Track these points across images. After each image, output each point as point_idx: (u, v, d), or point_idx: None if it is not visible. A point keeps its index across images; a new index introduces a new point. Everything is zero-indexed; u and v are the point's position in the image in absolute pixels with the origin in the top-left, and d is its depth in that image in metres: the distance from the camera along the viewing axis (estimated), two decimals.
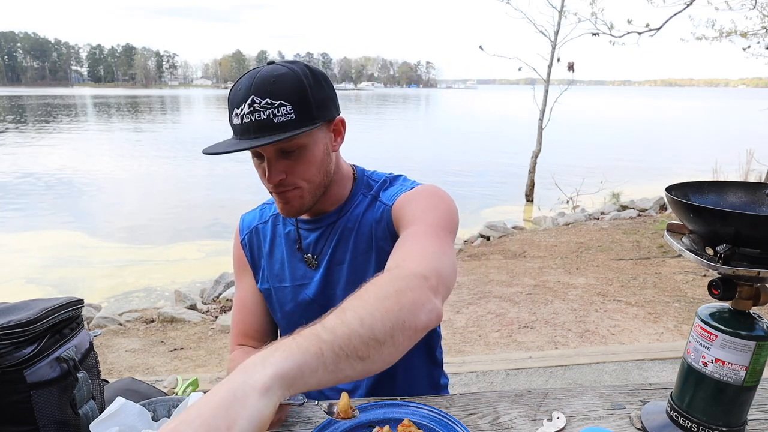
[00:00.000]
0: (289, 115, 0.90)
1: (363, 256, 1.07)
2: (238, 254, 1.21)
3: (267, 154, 0.95)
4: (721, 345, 0.80)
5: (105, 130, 25.49)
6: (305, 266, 1.11)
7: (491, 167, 13.63)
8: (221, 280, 5.08)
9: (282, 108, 0.90)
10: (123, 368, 3.25)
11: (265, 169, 0.97)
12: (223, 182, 11.60)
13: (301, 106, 0.92)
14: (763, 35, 8.34)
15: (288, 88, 0.91)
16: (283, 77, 0.92)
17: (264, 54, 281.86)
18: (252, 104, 0.90)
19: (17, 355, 0.82)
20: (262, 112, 0.89)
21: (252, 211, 1.22)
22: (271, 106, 0.89)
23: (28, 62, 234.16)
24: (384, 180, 1.12)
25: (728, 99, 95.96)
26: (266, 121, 0.90)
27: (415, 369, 1.19)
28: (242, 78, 0.94)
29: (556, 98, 9.18)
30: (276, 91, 0.90)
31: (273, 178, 0.95)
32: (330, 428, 0.90)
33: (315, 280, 1.10)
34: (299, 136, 0.93)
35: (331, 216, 1.09)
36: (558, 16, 9.22)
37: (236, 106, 0.92)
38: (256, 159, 0.99)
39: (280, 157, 0.96)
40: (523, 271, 4.92)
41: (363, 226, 1.08)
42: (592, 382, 2.78)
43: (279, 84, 0.91)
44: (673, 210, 0.83)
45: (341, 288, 1.09)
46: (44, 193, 10.07)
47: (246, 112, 0.90)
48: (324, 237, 1.09)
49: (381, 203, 1.07)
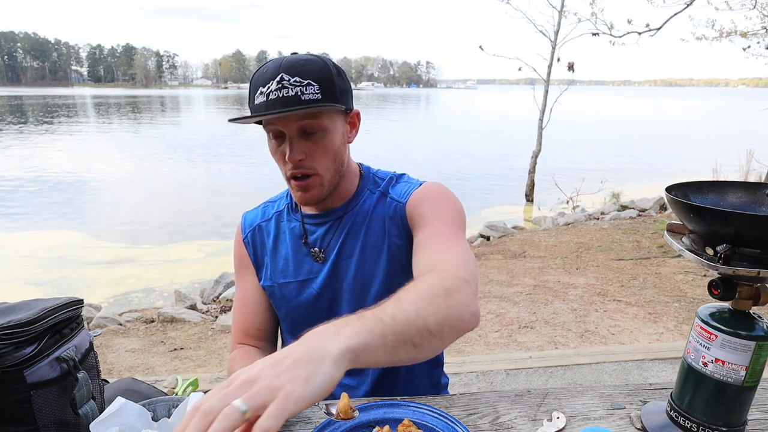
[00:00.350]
0: (316, 94, 0.94)
1: (373, 250, 1.08)
2: (239, 252, 1.20)
3: (289, 132, 0.96)
4: (721, 345, 0.80)
5: (105, 130, 25.49)
6: (312, 260, 1.11)
7: (491, 167, 13.62)
8: (221, 280, 5.08)
9: (310, 87, 0.94)
10: (123, 368, 3.25)
11: (285, 151, 0.98)
12: (223, 182, 11.60)
13: (327, 88, 0.96)
14: (763, 35, 8.34)
15: (316, 69, 0.96)
16: (311, 61, 0.97)
17: (264, 54, 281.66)
18: (281, 81, 0.93)
19: (17, 355, 0.82)
20: (290, 88, 0.93)
21: (254, 210, 1.22)
22: (299, 84, 0.93)
23: (28, 62, 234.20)
24: (390, 177, 1.14)
25: (728, 99, 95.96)
26: (294, 97, 0.93)
27: (417, 368, 1.20)
28: (267, 63, 0.98)
29: (556, 98, 9.17)
30: (304, 71, 0.94)
31: (294, 156, 0.96)
32: (330, 428, 0.89)
33: (322, 274, 1.10)
34: (322, 118, 0.97)
35: (338, 210, 1.10)
36: (558, 16, 9.23)
37: (262, 85, 0.95)
38: (274, 141, 1.00)
39: (302, 138, 0.97)
40: (523, 271, 4.91)
41: (374, 222, 1.09)
42: (592, 382, 2.78)
43: (307, 66, 0.95)
44: (673, 210, 0.83)
45: (348, 281, 1.09)
46: (44, 193, 10.07)
47: (273, 89, 0.93)
48: (332, 231, 1.10)
49: (393, 200, 1.09)
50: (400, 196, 1.09)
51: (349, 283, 1.09)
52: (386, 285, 1.09)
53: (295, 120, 0.95)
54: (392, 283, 1.09)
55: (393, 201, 1.09)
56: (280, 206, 1.18)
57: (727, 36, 8.67)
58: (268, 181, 11.56)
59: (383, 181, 1.13)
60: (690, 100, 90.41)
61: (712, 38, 8.92)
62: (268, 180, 11.67)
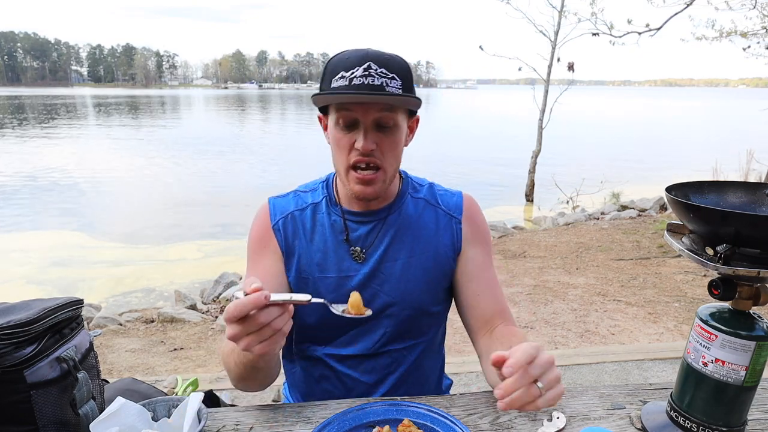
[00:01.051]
0: (398, 89, 0.97)
1: (419, 257, 1.10)
2: (264, 236, 1.12)
3: (366, 121, 0.97)
4: (721, 345, 0.80)
5: (105, 130, 25.48)
6: (350, 258, 1.09)
7: (491, 167, 13.62)
8: (221, 280, 5.08)
9: (394, 81, 0.96)
10: (123, 368, 3.25)
11: (353, 140, 0.98)
12: (223, 182, 11.59)
13: (407, 85, 0.99)
14: (763, 35, 8.34)
15: (400, 66, 0.99)
16: (395, 57, 1.00)
17: (264, 54, 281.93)
18: (368, 69, 0.94)
19: (17, 355, 0.82)
20: (377, 78, 0.94)
21: (284, 197, 1.17)
22: (385, 76, 0.95)
23: (28, 62, 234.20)
24: (429, 185, 1.19)
25: (728, 99, 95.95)
26: (379, 87, 0.94)
27: (429, 372, 1.21)
28: (347, 51, 0.99)
29: (556, 98, 9.17)
30: (390, 65, 0.97)
31: (368, 145, 0.97)
32: (330, 428, 0.90)
33: (360, 273, 1.09)
34: (398, 113, 0.99)
35: (382, 212, 1.11)
36: (558, 16, 9.22)
37: (346, 70, 0.95)
38: (343, 130, 0.99)
39: (375, 129, 0.98)
40: (523, 271, 4.91)
41: (422, 228, 1.12)
42: (592, 382, 2.78)
43: (392, 61, 0.98)
44: (673, 210, 0.83)
45: (390, 284, 1.09)
46: (44, 193, 10.07)
47: (359, 75, 0.94)
48: (375, 232, 1.10)
49: (445, 213, 1.14)
50: (451, 209, 1.14)
51: (392, 285, 1.09)
52: (428, 291, 1.11)
53: (376, 110, 0.96)
54: (433, 290, 1.12)
55: (446, 214, 1.14)
56: (315, 198, 1.15)
57: (727, 36, 8.67)
58: (268, 181, 11.57)
59: (422, 188, 1.17)
60: (690, 100, 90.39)
61: (712, 38, 8.92)
62: (268, 180, 11.67)
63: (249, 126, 29.36)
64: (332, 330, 1.10)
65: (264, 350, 0.72)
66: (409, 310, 1.09)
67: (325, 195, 1.14)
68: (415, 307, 1.10)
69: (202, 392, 0.91)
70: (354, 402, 1.00)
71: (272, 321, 0.71)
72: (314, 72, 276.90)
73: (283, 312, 0.73)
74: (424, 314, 1.12)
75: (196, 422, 0.84)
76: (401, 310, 1.09)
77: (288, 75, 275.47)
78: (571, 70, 9.21)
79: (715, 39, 8.87)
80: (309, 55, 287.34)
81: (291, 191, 1.18)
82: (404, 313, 1.09)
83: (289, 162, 14.38)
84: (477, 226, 1.15)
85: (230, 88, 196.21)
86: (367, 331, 1.10)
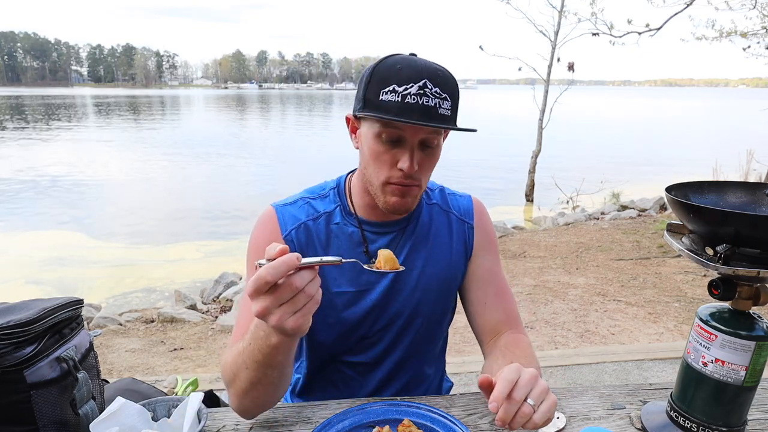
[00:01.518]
0: (447, 111, 0.92)
1: (434, 265, 1.09)
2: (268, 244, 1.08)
3: (413, 141, 0.93)
4: (721, 345, 0.80)
5: (105, 130, 25.48)
6: (370, 270, 1.06)
7: (491, 167, 13.62)
8: (221, 280, 5.08)
9: (445, 102, 0.91)
10: (123, 368, 3.25)
11: (396, 157, 0.94)
12: (223, 183, 11.59)
13: (455, 105, 0.94)
14: (763, 35, 8.34)
15: (451, 85, 0.93)
16: (446, 73, 0.94)
17: (264, 54, 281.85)
18: (423, 87, 0.89)
19: (17, 355, 0.82)
20: (431, 98, 0.89)
21: (291, 204, 1.08)
22: (439, 96, 0.90)
23: (28, 62, 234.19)
24: (440, 188, 1.17)
25: (728, 99, 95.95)
26: (433, 108, 0.89)
27: (433, 378, 1.20)
28: (396, 57, 0.93)
29: (556, 98, 9.17)
30: (443, 83, 0.91)
31: (413, 166, 0.93)
32: (330, 428, 0.89)
33: (381, 285, 1.05)
34: (441, 134, 0.97)
35: (401, 222, 1.08)
36: (558, 16, 9.22)
37: (397, 84, 0.89)
38: (386, 144, 0.94)
39: (420, 149, 0.95)
40: (523, 271, 4.91)
41: (436, 235, 1.10)
42: (592, 382, 2.78)
43: (444, 78, 0.92)
44: (673, 210, 0.83)
45: (405, 294, 1.06)
46: (44, 193, 10.07)
47: (414, 93, 0.88)
48: (395, 242, 1.07)
49: (458, 218, 1.13)
50: (463, 214, 1.13)
51: (407, 295, 1.06)
52: (439, 300, 1.09)
53: (425, 131, 0.92)
54: (444, 298, 1.11)
55: (458, 219, 1.12)
56: (328, 206, 1.08)
57: (727, 36, 8.68)
58: (268, 181, 11.57)
59: (434, 192, 1.15)
60: (690, 100, 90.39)
61: (712, 38, 8.92)
62: (268, 180, 11.67)
63: (249, 126, 29.36)
64: (346, 344, 1.08)
65: (297, 324, 0.68)
66: (420, 318, 1.08)
67: (339, 203, 1.07)
68: (426, 316, 1.09)
69: (202, 392, 0.91)
70: (354, 402, 1.00)
71: (306, 286, 0.67)
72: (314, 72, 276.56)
73: (314, 277, 0.69)
74: (433, 323, 1.11)
75: (196, 422, 0.84)
76: (412, 319, 1.08)
77: (288, 75, 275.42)
78: (571, 70, 9.22)
79: (715, 39, 8.88)
80: (309, 55, 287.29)
81: (298, 197, 1.10)
82: (416, 322, 1.08)
83: (289, 162, 14.39)
84: (487, 231, 1.15)
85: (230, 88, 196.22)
86: (378, 340, 1.09)
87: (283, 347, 0.76)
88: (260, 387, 0.83)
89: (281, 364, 0.81)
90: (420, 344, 1.12)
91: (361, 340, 1.08)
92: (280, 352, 0.77)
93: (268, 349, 0.76)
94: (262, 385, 0.83)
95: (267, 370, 0.80)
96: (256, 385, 0.83)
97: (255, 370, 0.80)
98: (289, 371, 0.87)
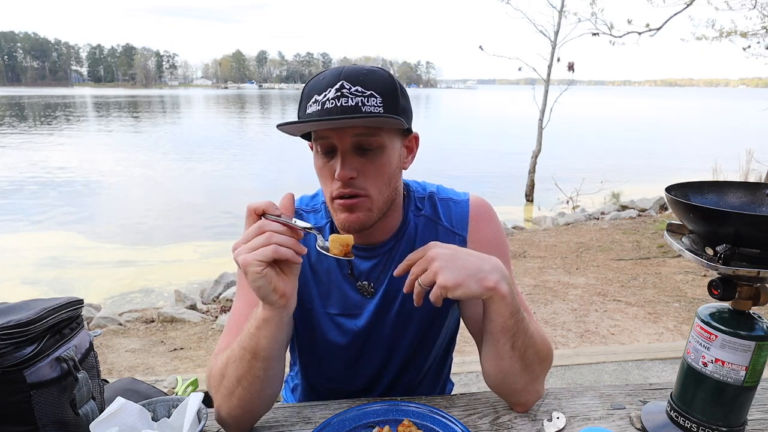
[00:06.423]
0: (378, 107, 0.85)
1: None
2: None
3: (343, 146, 0.86)
4: (721, 345, 0.80)
5: (105, 130, 25.47)
6: (358, 294, 1.01)
7: (491, 167, 13.62)
8: (221, 280, 5.08)
9: (372, 99, 0.84)
10: (123, 368, 3.25)
11: (333, 168, 0.87)
12: (223, 183, 11.59)
13: (389, 102, 0.86)
14: (763, 35, 8.34)
15: (380, 81, 0.87)
16: (375, 72, 0.88)
17: (264, 54, 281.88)
18: (341, 89, 0.83)
19: (17, 355, 0.82)
20: (350, 98, 0.83)
21: None
22: (361, 94, 0.84)
23: (28, 62, 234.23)
24: (430, 194, 1.06)
25: (728, 99, 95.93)
26: (353, 107, 0.83)
27: (433, 374, 1.19)
28: (325, 71, 0.89)
29: (556, 98, 9.17)
30: (368, 81, 0.85)
31: (346, 173, 0.86)
32: (330, 428, 0.90)
33: (369, 309, 1.01)
34: (381, 134, 0.88)
35: (386, 244, 1.01)
36: (558, 16, 9.23)
37: (318, 93, 0.85)
38: (324, 157, 0.90)
39: (356, 154, 0.88)
40: (523, 271, 4.91)
41: None
42: (592, 382, 2.78)
43: (371, 76, 0.86)
44: (673, 210, 0.83)
45: (391, 317, 1.02)
46: (44, 193, 10.07)
47: (331, 97, 0.84)
48: (381, 265, 1.01)
49: (447, 230, 1.02)
50: (455, 225, 1.02)
51: (393, 318, 1.02)
52: (427, 320, 1.04)
53: (352, 134, 0.85)
54: (432, 320, 1.05)
55: (448, 231, 1.02)
56: (319, 221, 1.04)
57: (727, 36, 8.68)
58: (268, 181, 11.57)
59: (424, 201, 1.05)
60: (690, 100, 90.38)
61: (712, 38, 8.93)
62: (267, 180, 11.67)
63: (249, 126, 29.35)
64: (335, 368, 1.08)
65: (247, 261, 0.75)
66: (410, 340, 1.05)
67: (329, 220, 1.03)
68: (417, 338, 1.05)
69: (202, 392, 0.91)
70: (354, 402, 1.00)
71: (266, 229, 0.78)
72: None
73: (282, 229, 0.79)
74: (423, 345, 1.08)
75: (196, 422, 0.84)
76: (401, 341, 1.05)
77: (288, 75, 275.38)
78: (571, 70, 9.23)
79: (715, 39, 8.88)
80: (309, 55, 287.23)
81: None
82: (404, 343, 1.05)
83: (289, 162, 14.41)
84: (487, 239, 1.02)
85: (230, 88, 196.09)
86: (369, 364, 1.07)
87: (269, 325, 0.81)
88: (245, 382, 0.85)
89: (266, 351, 0.83)
90: (414, 365, 1.09)
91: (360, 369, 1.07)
92: (265, 331, 0.82)
93: (255, 329, 0.82)
94: (247, 380, 0.85)
95: (253, 360, 0.83)
96: (241, 380, 0.85)
97: (241, 359, 0.84)
98: (273, 375, 0.87)
